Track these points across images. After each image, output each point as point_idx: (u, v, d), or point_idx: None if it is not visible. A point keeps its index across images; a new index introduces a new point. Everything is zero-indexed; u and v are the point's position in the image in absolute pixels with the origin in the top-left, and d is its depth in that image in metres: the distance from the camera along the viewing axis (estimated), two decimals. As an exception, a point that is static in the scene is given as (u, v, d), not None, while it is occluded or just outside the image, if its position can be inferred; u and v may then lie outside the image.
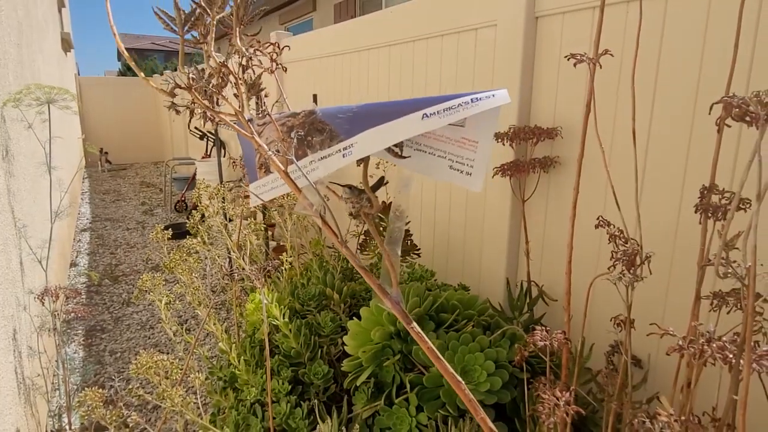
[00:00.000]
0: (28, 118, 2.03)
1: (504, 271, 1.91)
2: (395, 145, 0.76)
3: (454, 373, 0.85)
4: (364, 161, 0.77)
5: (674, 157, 1.38)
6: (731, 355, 0.70)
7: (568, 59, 1.03)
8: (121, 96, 9.48)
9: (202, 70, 0.58)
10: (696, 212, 0.89)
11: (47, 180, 2.18)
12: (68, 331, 3.20)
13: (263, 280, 1.30)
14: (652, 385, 1.44)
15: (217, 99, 0.59)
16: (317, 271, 2.15)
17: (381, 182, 0.79)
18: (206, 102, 0.58)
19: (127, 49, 0.62)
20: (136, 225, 5.49)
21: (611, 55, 1.02)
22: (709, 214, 0.86)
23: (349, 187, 0.73)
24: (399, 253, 0.78)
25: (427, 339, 0.79)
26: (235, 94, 0.66)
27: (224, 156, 4.69)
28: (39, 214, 2.47)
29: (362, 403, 1.35)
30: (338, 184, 0.74)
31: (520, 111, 1.81)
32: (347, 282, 2.07)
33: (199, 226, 2.09)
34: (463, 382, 1.09)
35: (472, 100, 0.62)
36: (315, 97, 3.27)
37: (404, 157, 0.78)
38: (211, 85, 0.57)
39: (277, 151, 0.70)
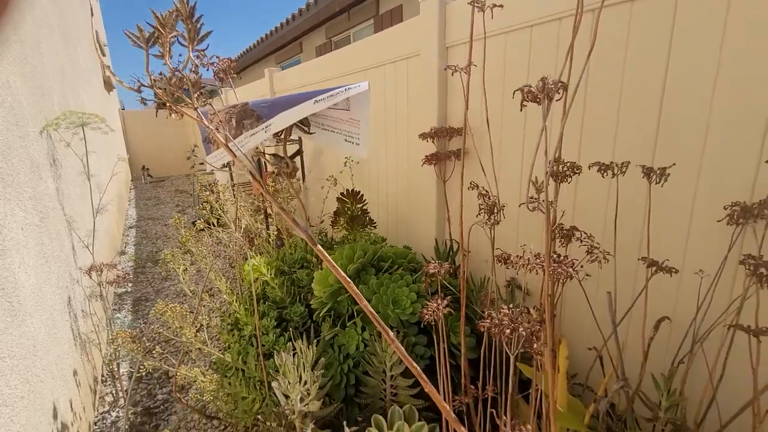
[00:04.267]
0: (66, 138, 2.02)
1: (434, 234, 1.99)
2: (305, 125, 0.81)
3: (362, 295, 0.91)
4: (283, 136, 0.82)
5: (517, 138, 1.46)
6: (543, 265, 0.78)
7: (453, 72, 1.10)
8: (157, 123, 9.33)
9: (162, 74, 0.63)
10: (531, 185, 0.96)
11: (91, 185, 2.18)
12: (120, 301, 3.19)
13: (249, 244, 1.34)
14: (530, 303, 1.53)
15: (178, 96, 0.63)
16: (300, 242, 2.20)
17: (298, 152, 0.85)
18: (169, 99, 0.62)
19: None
20: (172, 224, 5.43)
21: (475, 65, 1.08)
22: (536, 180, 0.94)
23: (274, 155, 0.78)
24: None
25: (344, 274, 0.85)
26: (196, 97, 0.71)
27: (234, 165, 4.68)
28: (86, 210, 2.46)
29: (326, 329, 1.41)
30: (266, 153, 0.79)
31: (439, 115, 1.88)
32: (325, 250, 2.12)
33: (211, 214, 2.11)
34: (370, 305, 1.14)
35: (345, 89, 0.68)
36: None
37: (311, 133, 0.83)
38: (171, 83, 0.61)
39: (217, 129, 0.75)
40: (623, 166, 0.90)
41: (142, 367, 1.25)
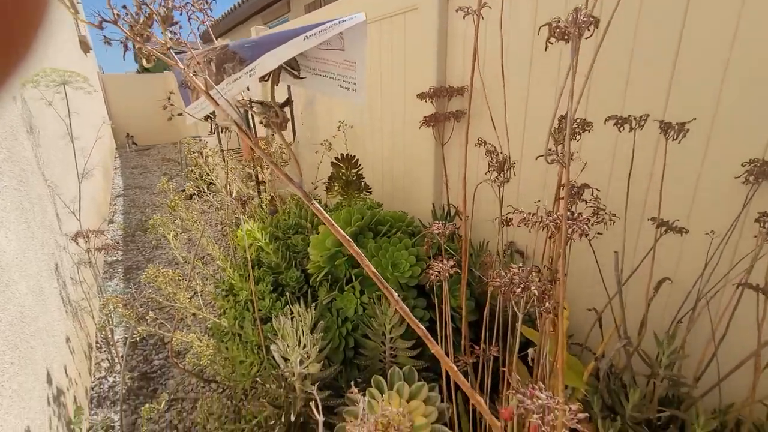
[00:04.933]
0: (47, 97, 1.89)
1: (431, 198, 1.94)
2: (294, 69, 0.74)
3: (368, 259, 0.87)
4: (270, 81, 0.75)
5: (518, 98, 1.40)
6: (557, 222, 0.75)
7: (457, 11, 1.01)
8: (141, 90, 8.91)
9: (126, 8, 0.55)
10: (546, 156, 0.91)
11: (75, 148, 2.07)
12: (110, 270, 3.13)
13: (241, 207, 1.28)
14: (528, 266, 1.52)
15: (148, 36, 0.55)
16: (294, 208, 2.14)
17: (287, 101, 0.78)
18: (138, 38, 0.55)
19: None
20: (160, 190, 5.29)
21: (489, 7, 1.00)
22: (552, 151, 0.88)
23: (261, 102, 0.72)
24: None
25: (345, 234, 0.81)
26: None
27: (224, 132, 4.51)
28: (70, 177, 2.35)
29: (323, 293, 1.39)
30: (252, 101, 0.72)
31: (438, 74, 1.79)
32: (317, 215, 2.07)
33: (201, 180, 2.03)
34: (372, 266, 1.11)
35: (339, 21, 0.61)
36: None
37: (302, 78, 0.76)
38: (139, 21, 0.53)
39: (195, 74, 0.67)
40: (641, 120, 0.85)
41: (135, 332, 1.22)
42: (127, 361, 2.03)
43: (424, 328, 0.61)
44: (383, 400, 0.95)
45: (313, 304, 1.41)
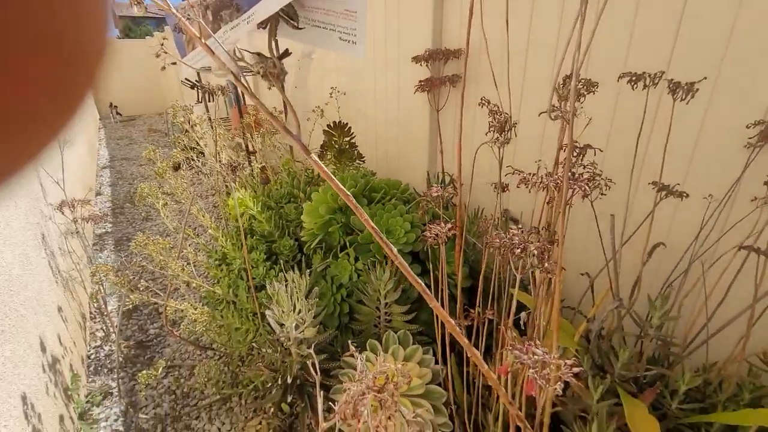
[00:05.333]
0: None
1: (426, 166, 1.91)
2: (293, 19, 0.70)
3: (375, 227, 0.85)
4: (268, 32, 0.70)
5: (517, 60, 1.35)
6: (558, 183, 0.73)
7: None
8: (123, 57, 8.49)
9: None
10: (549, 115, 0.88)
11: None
12: (101, 242, 3.09)
13: (231, 173, 1.24)
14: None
15: None
16: (286, 177, 2.10)
17: (286, 53, 0.74)
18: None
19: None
20: (147, 161, 5.17)
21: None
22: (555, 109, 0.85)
23: (258, 54, 0.67)
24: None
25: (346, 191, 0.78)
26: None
27: (210, 101, 4.34)
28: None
29: (318, 260, 1.38)
30: (248, 51, 0.68)
31: (434, 36, 1.71)
32: (309, 185, 2.04)
33: (189, 149, 1.96)
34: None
35: None
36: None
37: (300, 28, 0.72)
38: None
39: (189, 17, 0.63)
40: (656, 77, 0.82)
41: (128, 299, 1.21)
42: (122, 331, 2.03)
43: (422, 283, 0.60)
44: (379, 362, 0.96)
45: (308, 271, 1.40)
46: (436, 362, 1.14)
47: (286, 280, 1.11)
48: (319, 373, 0.57)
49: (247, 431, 1.53)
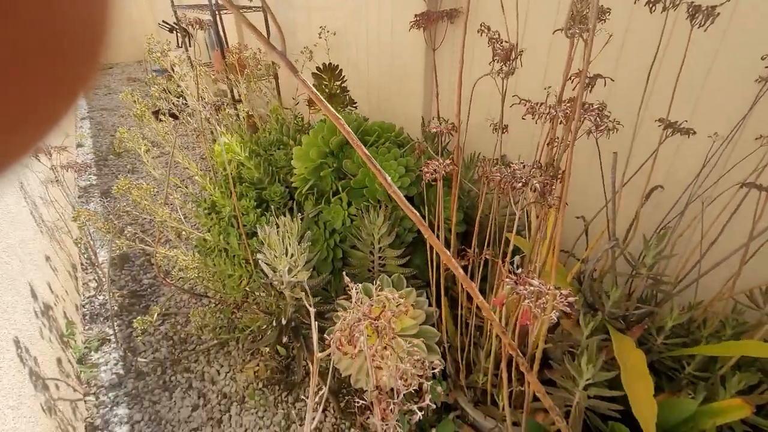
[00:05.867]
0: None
1: (420, 112, 1.83)
2: None
3: (378, 166, 0.81)
4: None
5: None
6: (568, 112, 0.68)
7: None
8: None
9: None
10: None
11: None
12: (86, 194, 3.00)
13: (215, 112, 1.16)
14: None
15: None
16: (275, 124, 2.00)
17: None
18: None
19: None
20: (127, 111, 4.92)
21: None
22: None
23: None
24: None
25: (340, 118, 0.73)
26: None
27: (191, 45, 4.06)
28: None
29: (309, 206, 1.34)
30: None
31: (431, -36, 1.56)
32: (299, 132, 1.95)
33: (169, 93, 1.84)
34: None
35: None
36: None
37: None
38: None
39: None
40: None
41: (114, 244, 1.17)
42: (115, 281, 2.02)
43: (417, 213, 0.57)
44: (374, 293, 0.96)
45: (299, 215, 1.37)
46: (430, 305, 1.16)
47: (278, 226, 1.08)
48: (312, 306, 0.55)
49: (245, 372, 1.57)
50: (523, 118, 0.71)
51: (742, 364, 0.98)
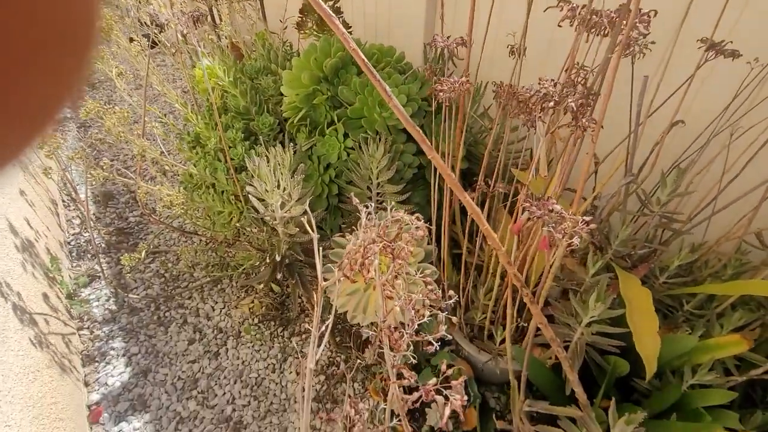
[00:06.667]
0: None
1: (422, 38, 1.66)
2: None
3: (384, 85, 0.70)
4: None
5: None
6: (612, 18, 0.58)
7: None
8: None
9: None
10: None
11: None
12: (62, 128, 2.81)
13: (193, 25, 1.01)
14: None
15: None
16: (261, 49, 1.81)
17: None
18: None
19: None
20: (101, 40, 4.49)
21: None
22: None
23: None
24: None
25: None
26: None
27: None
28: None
29: (302, 139, 1.24)
30: None
31: None
32: (288, 60, 1.78)
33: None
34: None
35: None
36: None
37: None
38: None
39: None
40: None
41: (90, 175, 1.08)
42: (100, 218, 1.94)
43: (420, 131, 0.49)
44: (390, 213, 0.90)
45: (291, 146, 1.27)
46: (429, 243, 1.11)
47: (268, 159, 0.99)
48: (314, 231, 0.48)
49: (240, 309, 1.57)
50: (559, 26, 0.61)
51: (737, 303, 0.97)
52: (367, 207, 0.45)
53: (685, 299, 0.99)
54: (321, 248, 1.11)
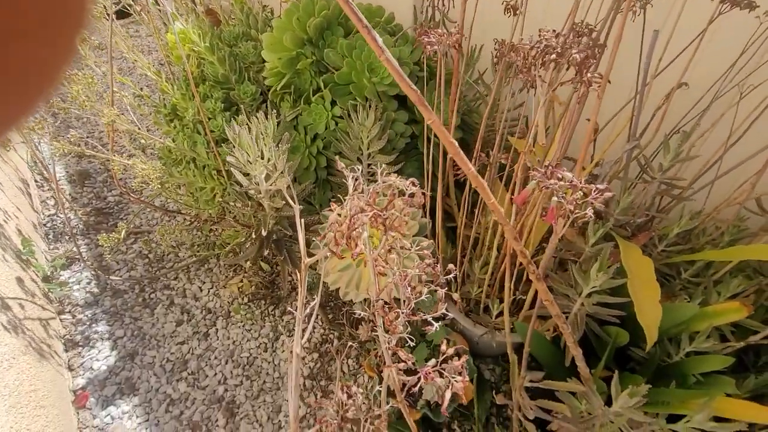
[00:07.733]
0: None
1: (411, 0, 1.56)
2: None
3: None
4: None
5: None
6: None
7: None
8: None
9: None
10: None
11: None
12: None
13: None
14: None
15: None
16: (240, 14, 1.69)
17: None
18: None
19: None
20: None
21: None
22: None
23: None
24: None
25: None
26: None
27: None
28: None
29: (287, 108, 1.16)
30: None
31: None
32: (268, 24, 1.66)
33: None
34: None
35: None
36: None
37: None
38: None
39: None
40: None
41: (53, 147, 0.99)
42: (77, 199, 1.84)
43: (417, 91, 0.43)
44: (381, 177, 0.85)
45: (275, 115, 1.19)
46: (423, 216, 1.07)
47: (249, 128, 0.92)
48: (296, 203, 0.43)
49: (229, 288, 1.52)
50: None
51: (733, 270, 0.96)
52: (354, 171, 0.39)
53: (682, 267, 0.97)
54: (309, 223, 1.06)
